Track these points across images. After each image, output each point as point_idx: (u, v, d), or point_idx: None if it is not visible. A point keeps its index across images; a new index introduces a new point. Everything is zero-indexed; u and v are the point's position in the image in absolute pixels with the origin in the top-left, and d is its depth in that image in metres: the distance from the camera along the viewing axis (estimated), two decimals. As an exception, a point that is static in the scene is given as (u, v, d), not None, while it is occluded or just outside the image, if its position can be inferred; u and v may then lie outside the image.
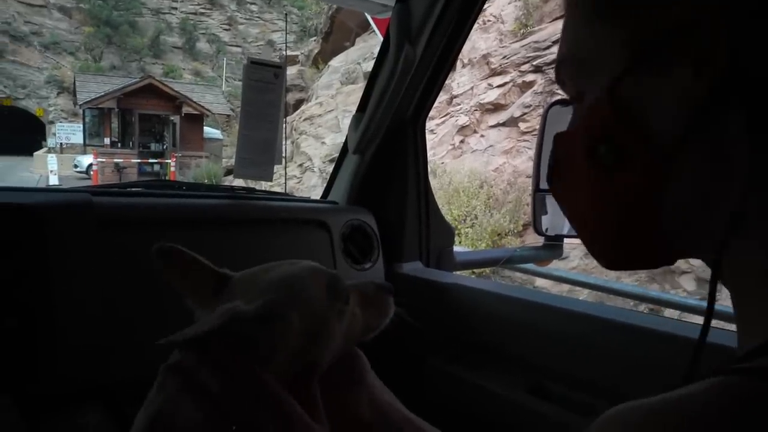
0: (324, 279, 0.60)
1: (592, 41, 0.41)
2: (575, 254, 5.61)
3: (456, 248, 1.48)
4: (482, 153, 7.98)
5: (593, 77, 0.41)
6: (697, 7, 0.35)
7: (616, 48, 0.39)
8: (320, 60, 16.22)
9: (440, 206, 1.46)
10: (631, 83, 0.38)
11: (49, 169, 17.12)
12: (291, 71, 16.00)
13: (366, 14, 1.65)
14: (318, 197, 1.52)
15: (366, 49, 12.95)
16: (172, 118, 23.91)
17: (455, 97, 8.84)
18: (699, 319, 0.40)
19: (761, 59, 0.34)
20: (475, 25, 1.30)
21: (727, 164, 0.35)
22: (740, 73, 0.34)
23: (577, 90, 0.44)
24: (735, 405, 0.28)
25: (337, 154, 1.50)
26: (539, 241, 1.58)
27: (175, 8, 47.01)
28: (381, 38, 1.33)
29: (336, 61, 14.13)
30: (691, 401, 0.29)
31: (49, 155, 19.98)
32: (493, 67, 8.36)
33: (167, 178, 17.96)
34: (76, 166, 21.38)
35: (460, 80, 8.88)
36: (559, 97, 1.11)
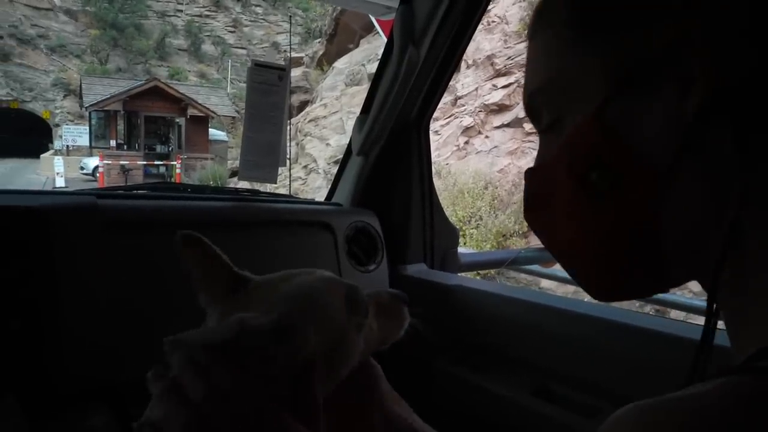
0: (343, 290, 0.57)
1: (572, 67, 0.40)
2: (581, 255, 5.58)
3: (461, 249, 1.48)
4: (487, 154, 7.97)
5: (575, 103, 0.40)
6: (680, 28, 0.35)
7: (600, 72, 0.38)
8: (325, 61, 16.24)
9: (445, 207, 1.46)
10: (617, 106, 0.38)
11: (55, 171, 17.23)
12: (295, 73, 16.02)
13: (370, 16, 1.65)
14: (323, 199, 1.52)
15: (370, 51, 12.97)
16: (177, 120, 24.01)
17: (460, 98, 8.83)
18: (701, 320, 0.40)
19: (745, 75, 0.34)
20: (480, 26, 1.30)
21: (720, 181, 0.35)
22: (726, 90, 0.34)
23: (554, 118, 0.43)
24: (746, 403, 0.28)
25: (341, 156, 1.50)
26: (544, 242, 1.57)
27: (181, 11, 47.22)
28: (385, 40, 1.33)
29: (340, 63, 14.15)
30: (700, 400, 0.29)
31: (56, 158, 20.11)
32: (497, 68, 8.35)
33: (173, 179, 18.04)
34: (82, 168, 21.49)
35: (464, 81, 8.88)
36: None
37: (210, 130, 25.15)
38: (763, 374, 0.29)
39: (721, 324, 0.40)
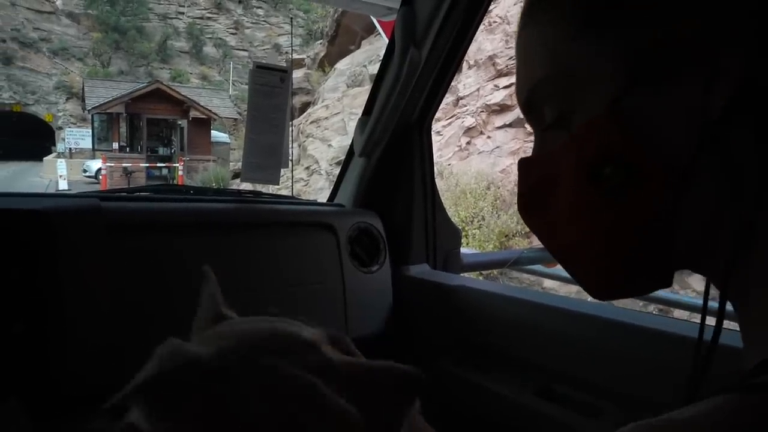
0: (300, 348, 0.44)
1: (583, 56, 0.38)
2: (583, 255, 5.57)
3: (463, 250, 1.48)
4: (489, 154, 7.97)
5: (586, 95, 0.38)
6: (708, 22, 0.33)
7: (615, 62, 0.36)
8: (326, 63, 16.26)
9: (447, 208, 1.46)
10: (634, 98, 0.36)
11: (58, 174, 17.27)
12: (297, 74, 16.04)
13: (371, 17, 1.65)
14: (325, 200, 1.53)
15: (372, 52, 12.98)
16: (179, 122, 24.06)
17: (461, 98, 8.83)
18: (709, 320, 0.40)
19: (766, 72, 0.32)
20: (481, 27, 1.30)
21: (738, 177, 0.34)
22: (751, 89, 0.32)
23: (559, 113, 0.40)
24: (747, 425, 0.27)
25: (343, 157, 1.50)
26: (547, 242, 1.57)
27: (182, 13, 47.32)
28: (386, 41, 1.33)
29: (342, 64, 14.16)
30: (705, 421, 0.28)
31: (59, 160, 20.16)
32: (499, 68, 8.35)
33: (175, 181, 18.09)
34: (85, 171, 21.55)
35: (466, 82, 8.88)
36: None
37: (212, 132, 25.17)
38: (765, 392, 0.28)
39: (729, 325, 0.40)
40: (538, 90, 0.41)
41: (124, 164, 20.43)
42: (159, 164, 21.83)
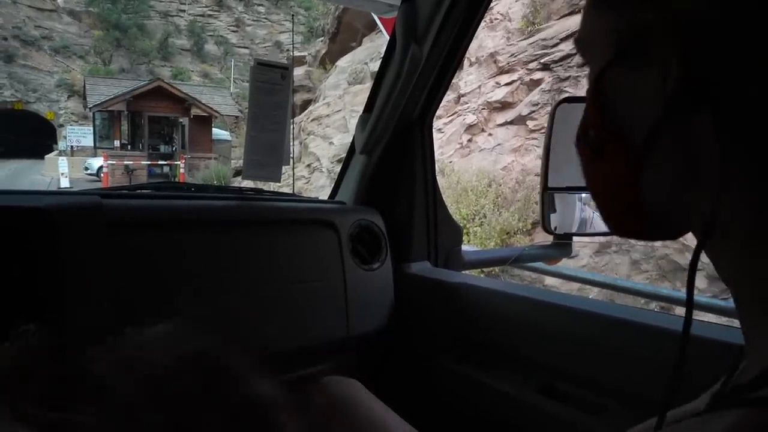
0: None
1: (591, 28, 0.41)
2: (585, 252, 5.59)
3: (464, 247, 1.48)
4: (490, 152, 7.96)
5: (591, 65, 0.42)
6: (658, 10, 0.35)
7: (606, 38, 0.39)
8: (327, 60, 16.24)
9: (448, 205, 1.46)
10: (613, 76, 0.38)
11: (60, 171, 17.31)
12: (298, 72, 16.03)
13: (373, 14, 1.65)
14: (326, 197, 1.52)
15: (373, 49, 12.96)
16: (181, 120, 24.06)
17: (463, 95, 8.82)
18: (711, 317, 0.40)
19: (722, 67, 0.33)
20: (482, 24, 1.30)
21: (697, 166, 0.35)
22: (700, 80, 0.33)
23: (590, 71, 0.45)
24: None
25: (344, 154, 1.50)
26: (548, 239, 1.57)
27: (183, 11, 47.32)
28: (388, 38, 1.33)
29: (343, 62, 14.15)
30: None
31: (60, 158, 20.19)
32: (500, 65, 8.33)
33: (176, 179, 18.09)
34: (86, 169, 21.56)
35: (467, 79, 8.86)
36: (567, 95, 1.10)
37: (213, 129, 25.19)
38: (763, 408, 0.28)
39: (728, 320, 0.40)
40: (577, 47, 0.45)
41: (125, 162, 20.43)
42: (160, 162, 21.84)
